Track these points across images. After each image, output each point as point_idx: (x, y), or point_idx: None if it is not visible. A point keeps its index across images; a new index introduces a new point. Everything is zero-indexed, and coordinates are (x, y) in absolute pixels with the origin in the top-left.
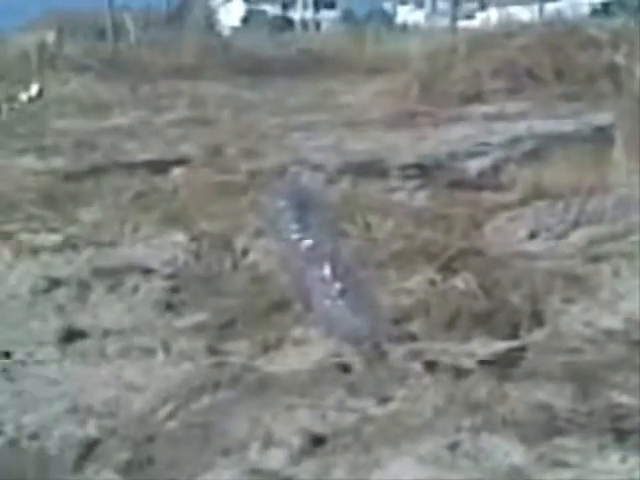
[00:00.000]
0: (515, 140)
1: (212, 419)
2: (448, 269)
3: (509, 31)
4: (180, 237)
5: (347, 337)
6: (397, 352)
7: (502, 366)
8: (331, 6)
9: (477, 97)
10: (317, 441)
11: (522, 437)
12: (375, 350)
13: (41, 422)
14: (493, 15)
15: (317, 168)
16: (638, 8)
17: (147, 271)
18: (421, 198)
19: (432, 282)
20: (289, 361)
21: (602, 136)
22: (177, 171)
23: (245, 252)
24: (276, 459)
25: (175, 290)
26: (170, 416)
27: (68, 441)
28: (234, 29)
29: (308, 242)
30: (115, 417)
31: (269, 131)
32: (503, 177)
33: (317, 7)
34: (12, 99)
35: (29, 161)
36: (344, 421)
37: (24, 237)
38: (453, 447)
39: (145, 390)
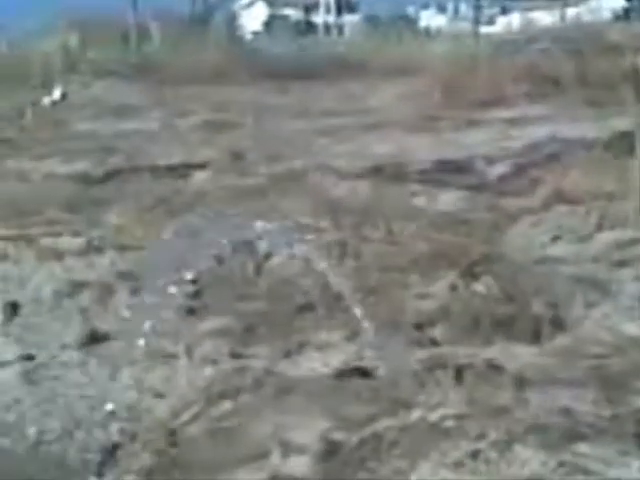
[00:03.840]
0: (536, 145)
1: (234, 424)
2: (470, 274)
3: (530, 36)
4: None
5: None
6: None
7: (524, 371)
8: (353, 10)
9: (498, 101)
10: (337, 447)
11: (543, 443)
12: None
13: (64, 426)
14: (515, 20)
15: (338, 172)
16: None
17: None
18: (443, 202)
19: (454, 287)
20: (311, 366)
21: (623, 142)
22: (200, 175)
23: (268, 256)
24: (297, 465)
25: (198, 294)
26: (192, 420)
27: (91, 445)
28: (256, 33)
29: None
30: (138, 421)
31: (292, 135)
32: (524, 182)
33: (340, 11)
34: (35, 103)
35: (52, 165)
36: (365, 427)
37: (47, 241)
38: (475, 454)
39: (168, 395)
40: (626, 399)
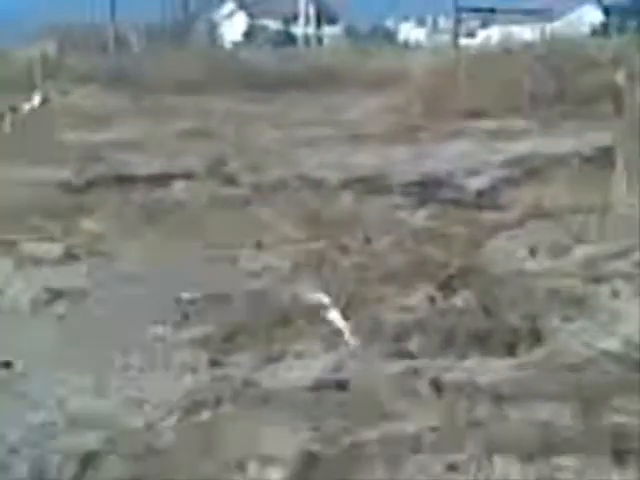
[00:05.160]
0: (515, 159)
1: (213, 433)
2: (448, 287)
3: (510, 50)
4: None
5: None
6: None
7: (500, 385)
8: (333, 22)
9: (477, 114)
10: (315, 459)
11: (521, 456)
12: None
13: (42, 432)
14: (494, 33)
15: (318, 183)
16: (637, 29)
17: None
18: (421, 215)
19: (432, 299)
20: (290, 376)
21: (602, 156)
22: (180, 184)
23: (248, 266)
24: (274, 476)
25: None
26: (171, 429)
27: (68, 452)
28: (236, 43)
29: None
30: (116, 430)
31: (272, 145)
32: (503, 195)
33: (319, 23)
34: (15, 110)
35: (32, 172)
36: (342, 439)
37: (26, 247)
38: (453, 467)
39: (147, 403)
40: (602, 414)
